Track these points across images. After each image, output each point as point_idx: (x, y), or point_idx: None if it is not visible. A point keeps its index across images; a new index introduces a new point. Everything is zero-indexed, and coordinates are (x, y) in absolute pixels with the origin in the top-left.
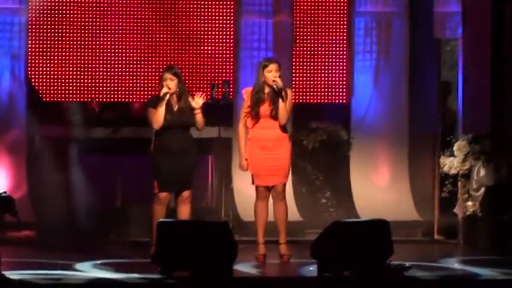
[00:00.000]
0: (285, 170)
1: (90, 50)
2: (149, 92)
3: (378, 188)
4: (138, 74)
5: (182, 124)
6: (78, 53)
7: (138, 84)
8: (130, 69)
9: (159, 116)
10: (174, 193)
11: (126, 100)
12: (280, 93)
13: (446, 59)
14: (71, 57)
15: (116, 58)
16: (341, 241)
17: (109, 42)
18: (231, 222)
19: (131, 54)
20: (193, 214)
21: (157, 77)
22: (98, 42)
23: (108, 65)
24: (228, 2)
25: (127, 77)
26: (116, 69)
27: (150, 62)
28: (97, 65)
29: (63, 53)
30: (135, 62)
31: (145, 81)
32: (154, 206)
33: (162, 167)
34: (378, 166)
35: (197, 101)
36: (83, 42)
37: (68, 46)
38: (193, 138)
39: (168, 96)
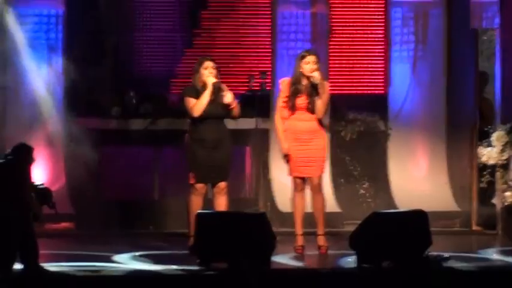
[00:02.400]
0: (320, 162)
1: (127, 41)
2: (187, 84)
3: (416, 179)
4: (176, 65)
5: (218, 115)
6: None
7: (176, 77)
8: (169, 61)
9: (202, 104)
10: (211, 184)
11: (164, 92)
12: (317, 88)
13: (483, 49)
14: (108, 49)
15: (154, 50)
16: (379, 232)
17: (147, 34)
18: (269, 213)
19: (169, 46)
20: (231, 205)
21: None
22: (135, 33)
23: (146, 57)
24: None
25: (165, 69)
26: (154, 61)
27: (188, 54)
28: (135, 56)
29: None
30: (173, 54)
31: (184, 74)
32: (191, 197)
33: (198, 158)
34: (416, 157)
35: (227, 98)
36: (120, 33)
37: (104, 37)
38: (229, 129)
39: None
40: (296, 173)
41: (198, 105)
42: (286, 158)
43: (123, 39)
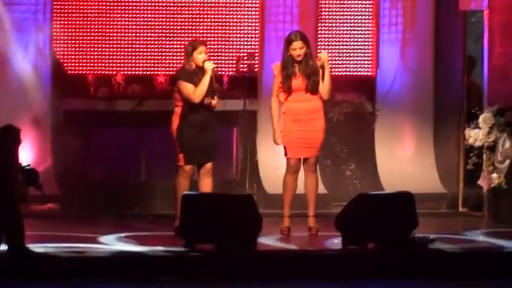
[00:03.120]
0: (318, 143)
1: (115, 23)
2: (174, 66)
3: (403, 161)
4: (164, 46)
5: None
6: (103, 26)
7: (163, 57)
8: (156, 42)
9: (203, 90)
10: (198, 165)
11: (151, 73)
12: (323, 70)
13: (471, 31)
14: (96, 30)
15: (141, 31)
16: (365, 214)
17: (134, 15)
18: (255, 195)
19: (156, 27)
20: (218, 187)
21: (181, 51)
22: (123, 15)
23: (133, 38)
24: None
25: (152, 50)
26: (141, 42)
27: (175, 35)
28: (122, 38)
29: (88, 26)
30: (160, 35)
31: (170, 54)
32: (179, 179)
33: (189, 140)
34: (403, 138)
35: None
36: (107, 15)
37: (92, 19)
38: (215, 112)
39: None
40: (293, 154)
41: (198, 92)
42: (276, 141)
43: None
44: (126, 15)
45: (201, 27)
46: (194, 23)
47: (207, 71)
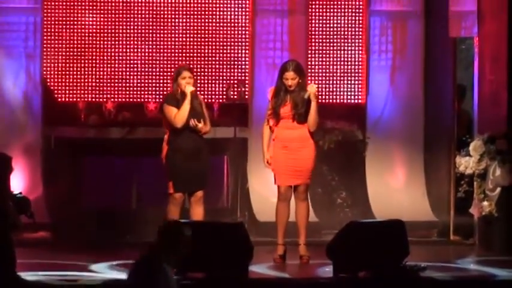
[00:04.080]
0: (307, 171)
1: (105, 50)
2: (164, 93)
3: (394, 189)
4: (154, 74)
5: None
6: (94, 54)
7: (154, 85)
8: (146, 70)
9: (184, 114)
10: (188, 193)
11: (141, 100)
12: (309, 102)
13: (461, 58)
14: (87, 58)
15: (132, 58)
16: (357, 242)
17: (124, 43)
18: (246, 222)
19: (147, 55)
20: (209, 215)
21: (172, 78)
22: (113, 43)
23: (124, 66)
24: (244, 2)
25: (142, 78)
26: (131, 70)
27: (165, 63)
28: (112, 65)
29: (79, 53)
30: (150, 62)
31: (161, 82)
32: (170, 206)
33: (177, 168)
34: (394, 166)
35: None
36: (98, 43)
37: (83, 46)
38: (205, 139)
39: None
40: (283, 181)
41: (179, 116)
42: (266, 166)
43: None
44: (117, 43)
45: (192, 55)
46: (185, 50)
47: (186, 95)
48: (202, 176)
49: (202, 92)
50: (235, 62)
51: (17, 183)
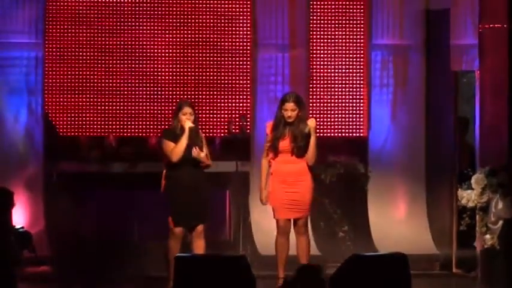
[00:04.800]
0: (305, 204)
1: (107, 85)
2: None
3: (396, 222)
4: (155, 108)
5: (194, 161)
6: (95, 88)
7: (155, 119)
8: (148, 104)
9: (180, 149)
10: (189, 227)
11: (143, 135)
12: (308, 136)
13: (463, 91)
14: (88, 92)
15: (133, 93)
16: (359, 275)
17: (126, 77)
18: (249, 256)
19: (148, 89)
20: (212, 248)
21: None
22: (114, 77)
23: (125, 100)
24: (245, 36)
25: (144, 112)
26: (133, 104)
27: (167, 97)
28: (114, 100)
29: (80, 88)
30: (152, 97)
31: (163, 116)
32: (170, 241)
33: (176, 202)
34: (396, 199)
35: (196, 154)
36: (99, 77)
37: (84, 81)
38: (205, 173)
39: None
40: (281, 215)
41: (176, 150)
42: (262, 201)
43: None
44: (118, 78)
45: (193, 89)
46: (186, 84)
47: (184, 130)
48: (202, 211)
49: (204, 126)
50: (238, 96)
51: (19, 217)
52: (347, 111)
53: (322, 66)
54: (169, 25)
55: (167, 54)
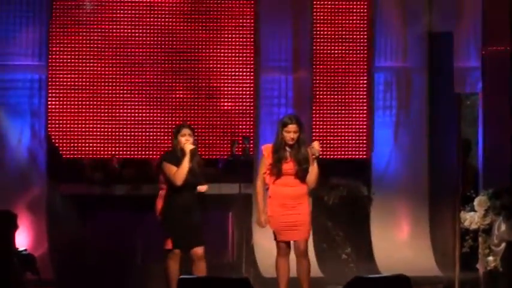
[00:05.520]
0: (305, 226)
1: (110, 107)
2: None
3: (399, 244)
4: (159, 130)
5: (192, 184)
6: (99, 110)
7: (159, 141)
8: (151, 126)
9: (183, 172)
10: (187, 249)
11: (146, 157)
12: (317, 161)
13: (466, 113)
14: (91, 114)
15: (136, 115)
16: None
17: (129, 99)
18: (252, 278)
19: (152, 111)
20: (214, 270)
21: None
22: (118, 99)
23: (129, 122)
24: (248, 59)
25: (147, 134)
26: (136, 126)
27: (170, 119)
28: (117, 122)
29: (84, 110)
30: (155, 119)
31: (166, 138)
32: (168, 262)
33: (175, 224)
34: (399, 221)
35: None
36: (102, 99)
37: (88, 103)
38: (197, 195)
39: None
40: (282, 237)
41: (179, 174)
42: (260, 224)
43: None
44: (122, 100)
45: (196, 111)
46: (189, 106)
47: (185, 152)
48: (198, 232)
49: (207, 148)
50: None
51: (23, 239)
52: (350, 134)
53: (325, 88)
54: (172, 47)
55: (170, 76)
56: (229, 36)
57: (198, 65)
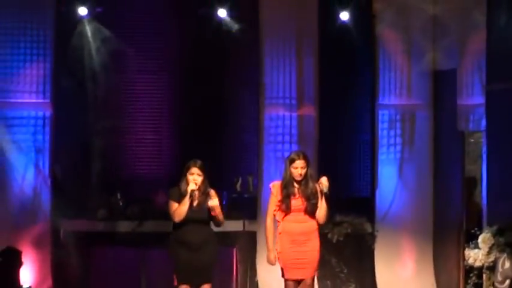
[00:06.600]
0: (314, 263)
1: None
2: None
3: (403, 280)
4: (161, 167)
5: (201, 220)
6: (102, 146)
7: (162, 177)
8: (155, 163)
9: (182, 210)
10: (193, 285)
11: (150, 194)
12: (326, 196)
13: (470, 150)
14: (95, 150)
15: (140, 151)
16: None
17: (133, 135)
18: None
19: (155, 147)
20: None
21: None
22: (121, 133)
23: (132, 157)
24: (252, 95)
25: (151, 171)
26: (140, 162)
27: (173, 156)
28: (121, 158)
29: (87, 146)
30: (159, 156)
31: (170, 175)
32: None
33: (180, 260)
34: (403, 258)
35: (212, 202)
36: (106, 134)
37: (91, 139)
38: (214, 232)
39: (195, 193)
40: (290, 275)
41: (178, 211)
42: (271, 262)
43: (110, 142)
44: (125, 133)
45: (200, 147)
46: (192, 144)
47: (187, 192)
48: (206, 269)
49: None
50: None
51: (27, 276)
52: (354, 171)
53: (329, 126)
54: (175, 84)
55: (172, 112)
56: (235, 73)
57: (203, 102)
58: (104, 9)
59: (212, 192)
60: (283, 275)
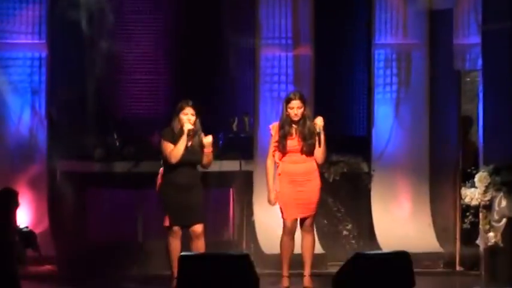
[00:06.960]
0: (314, 203)
1: (110, 81)
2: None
3: (399, 220)
4: (158, 107)
5: (191, 162)
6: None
7: (159, 118)
8: (151, 103)
9: (179, 151)
10: (186, 226)
11: (146, 134)
12: (319, 136)
13: (466, 90)
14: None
15: (136, 91)
16: (362, 273)
17: (128, 73)
18: (252, 255)
19: (152, 87)
20: (214, 247)
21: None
22: (118, 71)
23: (129, 97)
24: (248, 35)
25: (148, 111)
26: (136, 102)
27: (169, 96)
28: (117, 97)
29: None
30: (155, 96)
31: (166, 115)
32: (169, 239)
33: (171, 201)
34: (399, 198)
35: (207, 139)
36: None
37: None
38: (200, 174)
39: (191, 132)
40: (289, 215)
41: (175, 152)
42: (271, 202)
43: (106, 81)
44: (122, 71)
45: (197, 87)
46: (188, 85)
47: (183, 132)
48: (197, 210)
49: (207, 125)
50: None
51: (23, 217)
52: (350, 110)
53: (325, 65)
54: (171, 24)
55: (170, 54)
56: (229, 13)
57: (198, 43)
58: None
59: (203, 136)
60: (282, 215)
